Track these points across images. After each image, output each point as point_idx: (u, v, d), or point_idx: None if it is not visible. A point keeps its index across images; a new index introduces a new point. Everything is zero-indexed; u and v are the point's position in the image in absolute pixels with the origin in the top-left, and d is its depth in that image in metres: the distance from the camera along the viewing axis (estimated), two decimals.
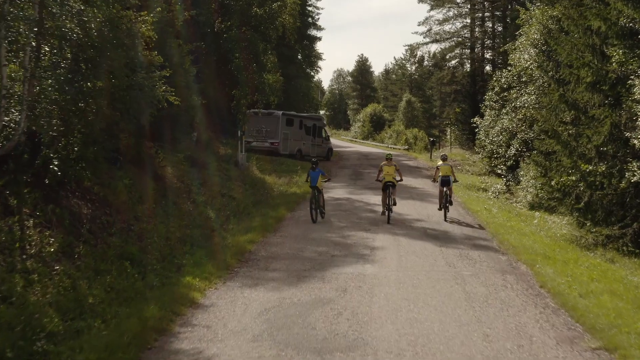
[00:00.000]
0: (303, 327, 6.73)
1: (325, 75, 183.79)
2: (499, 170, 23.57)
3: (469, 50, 45.29)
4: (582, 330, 6.88)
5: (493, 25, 44.01)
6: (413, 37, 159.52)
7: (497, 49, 40.21)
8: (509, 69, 24.06)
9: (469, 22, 44.64)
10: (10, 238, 7.65)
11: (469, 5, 44.20)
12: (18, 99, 8.35)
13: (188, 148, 17.86)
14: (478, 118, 27.95)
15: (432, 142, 40.72)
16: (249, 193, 16.95)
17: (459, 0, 44.40)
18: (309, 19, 44.95)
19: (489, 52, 44.03)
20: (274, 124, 28.78)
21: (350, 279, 8.70)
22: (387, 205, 13.97)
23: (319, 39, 47.92)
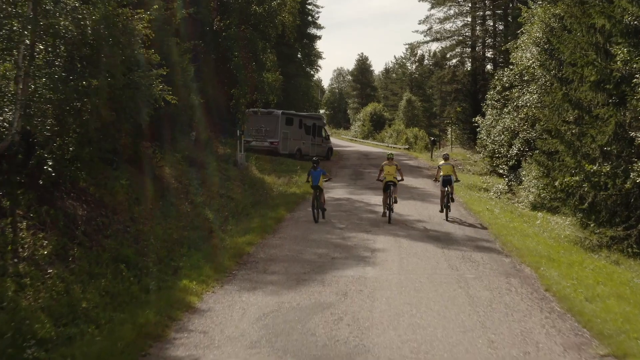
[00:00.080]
0: (302, 333, 6.54)
1: (325, 74, 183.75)
2: (501, 170, 23.35)
3: (470, 49, 44.99)
4: (589, 336, 6.69)
5: (494, 24, 43.75)
6: (413, 36, 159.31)
7: (498, 48, 39.97)
8: (511, 68, 23.83)
9: (470, 20, 44.36)
10: (3, 241, 7.47)
11: (470, 4, 43.94)
12: (12, 98, 8.19)
13: (186, 148, 17.67)
14: (480, 117, 27.73)
15: (432, 141, 40.50)
16: (248, 193, 16.75)
17: None
18: (309, 18, 44.73)
19: (490, 50, 43.80)
20: (274, 123, 28.57)
21: (351, 282, 8.51)
22: (387, 205, 13.90)
23: (319, 38, 47.74)
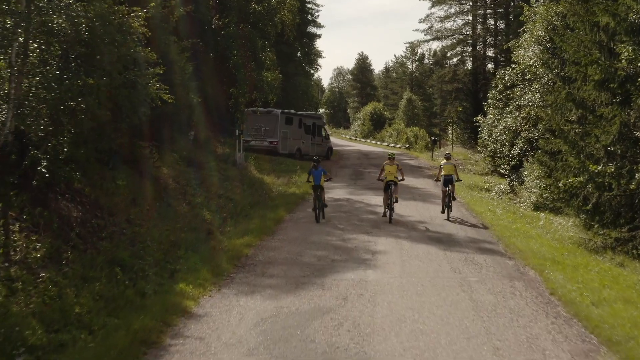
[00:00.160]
0: (301, 339, 6.34)
1: (325, 73, 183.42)
2: (503, 170, 23.14)
3: (471, 48, 44.78)
4: (597, 343, 6.50)
5: (495, 23, 43.49)
6: (414, 34, 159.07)
7: (499, 47, 39.73)
8: (513, 67, 23.61)
9: (471, 19, 44.13)
10: None
11: (471, 2, 43.70)
12: (5, 97, 8.01)
13: (185, 147, 17.47)
14: (481, 117, 27.52)
15: (433, 141, 40.27)
16: (247, 194, 16.54)
17: None
18: (309, 16, 44.51)
19: (491, 49, 43.53)
20: (273, 123, 28.36)
21: (352, 286, 8.31)
22: (388, 205, 13.86)
23: (319, 37, 47.53)
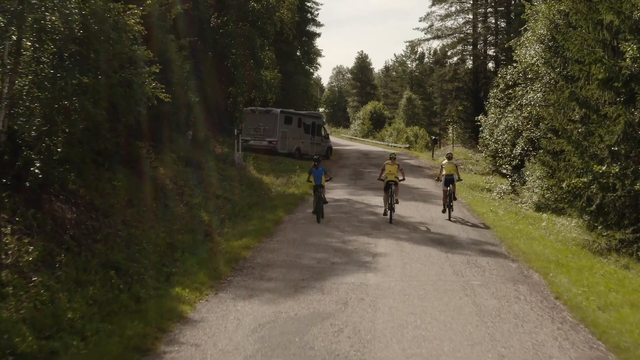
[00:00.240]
0: (300, 346, 6.15)
1: (325, 72, 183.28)
2: (504, 170, 22.93)
3: (471, 47, 44.54)
4: (605, 350, 6.31)
5: (496, 21, 43.22)
6: (414, 33, 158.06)
7: (500, 45, 39.50)
8: (514, 66, 23.41)
9: (472, 17, 43.88)
10: None
11: (472, 1, 43.44)
12: None
13: (183, 147, 17.28)
14: (482, 116, 27.31)
15: (433, 140, 40.02)
16: (246, 194, 16.34)
17: None
18: (308, 15, 44.26)
19: (492, 48, 43.31)
20: (272, 122, 28.14)
21: (352, 290, 8.11)
22: (389, 205, 13.75)
23: (318, 35, 47.32)
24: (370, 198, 17.30)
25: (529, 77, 21.09)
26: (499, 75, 25.99)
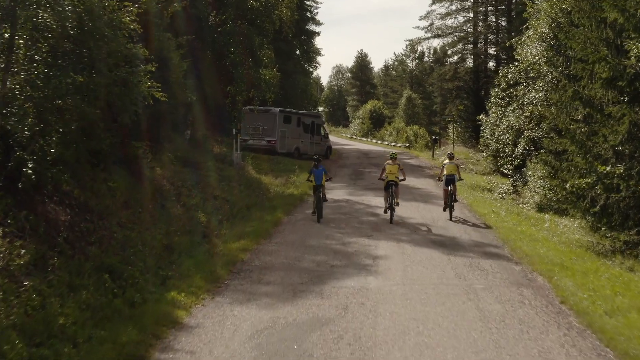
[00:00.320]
0: (299, 354, 5.95)
1: (324, 71, 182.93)
2: (506, 170, 22.70)
3: (472, 46, 44.26)
4: (613, 357, 6.13)
5: (497, 20, 42.93)
6: (413, 32, 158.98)
7: (500, 44, 39.24)
8: (516, 64, 23.18)
9: (472, 16, 43.58)
10: None
11: None
12: None
13: (181, 147, 17.08)
14: (483, 115, 27.09)
15: (434, 139, 39.78)
16: (244, 195, 16.12)
17: None
18: (307, 13, 44.02)
19: (493, 47, 43.02)
20: (271, 122, 27.93)
21: (352, 294, 7.91)
22: (389, 204, 13.69)
23: (318, 34, 47.16)
24: (371, 198, 17.11)
25: (531, 76, 20.86)
26: (500, 74, 25.76)
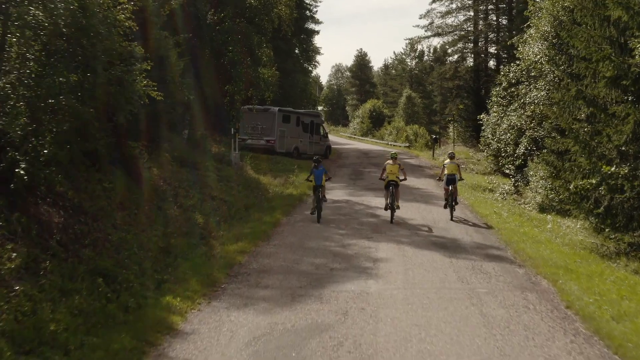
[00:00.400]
0: None
1: (323, 70, 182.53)
2: (507, 170, 22.49)
3: (472, 45, 44.01)
4: None
5: (497, 18, 42.67)
6: (413, 32, 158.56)
7: (501, 43, 39.01)
8: (518, 63, 22.98)
9: (472, 15, 43.34)
10: None
11: None
12: None
13: (178, 147, 16.86)
14: (484, 115, 26.88)
15: (434, 139, 39.53)
16: (242, 195, 15.91)
17: None
18: (307, 12, 43.78)
19: (493, 46, 42.78)
20: (270, 121, 27.69)
21: (352, 299, 7.70)
22: (389, 203, 13.66)
23: (317, 33, 46.97)
24: (371, 199, 16.91)
25: (532, 75, 20.66)
26: (502, 73, 25.55)
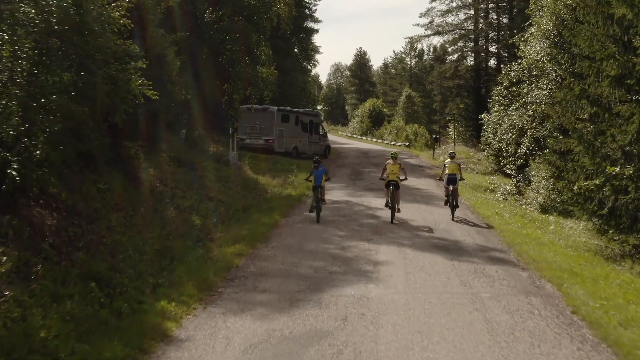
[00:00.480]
0: None
1: (323, 69, 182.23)
2: (509, 170, 22.28)
3: (473, 43, 43.78)
4: None
5: (498, 17, 42.43)
6: (413, 31, 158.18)
7: (502, 42, 38.78)
8: (519, 62, 22.76)
9: (473, 13, 43.10)
10: None
11: None
12: None
13: (176, 147, 16.64)
14: (485, 114, 26.67)
15: (434, 138, 39.28)
16: (240, 196, 15.69)
17: None
18: (306, 10, 43.51)
19: (494, 45, 42.55)
20: (269, 120, 27.46)
21: (352, 304, 7.49)
22: (389, 201, 13.60)
23: (316, 32, 46.59)
24: (370, 200, 16.71)
25: (534, 74, 20.45)
26: (503, 72, 25.34)
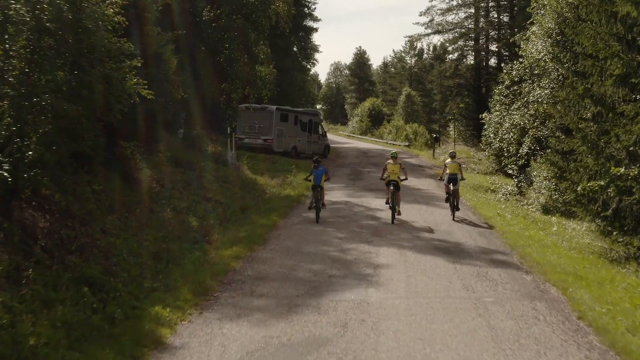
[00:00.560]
0: None
1: (322, 69, 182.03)
2: (510, 170, 22.06)
3: (473, 42, 43.52)
4: None
5: (499, 15, 42.16)
6: (412, 30, 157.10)
7: (503, 41, 38.55)
8: (520, 61, 22.55)
9: (473, 11, 42.85)
10: None
11: None
12: None
13: (173, 147, 16.43)
14: (486, 114, 26.45)
15: (435, 138, 39.05)
16: (238, 196, 15.48)
17: None
18: (305, 9, 43.31)
19: (494, 43, 42.29)
20: (268, 120, 27.25)
21: (352, 309, 7.29)
22: (390, 200, 13.52)
23: (316, 30, 46.36)
24: (370, 200, 16.51)
25: (536, 73, 20.23)
26: (504, 71, 25.12)
